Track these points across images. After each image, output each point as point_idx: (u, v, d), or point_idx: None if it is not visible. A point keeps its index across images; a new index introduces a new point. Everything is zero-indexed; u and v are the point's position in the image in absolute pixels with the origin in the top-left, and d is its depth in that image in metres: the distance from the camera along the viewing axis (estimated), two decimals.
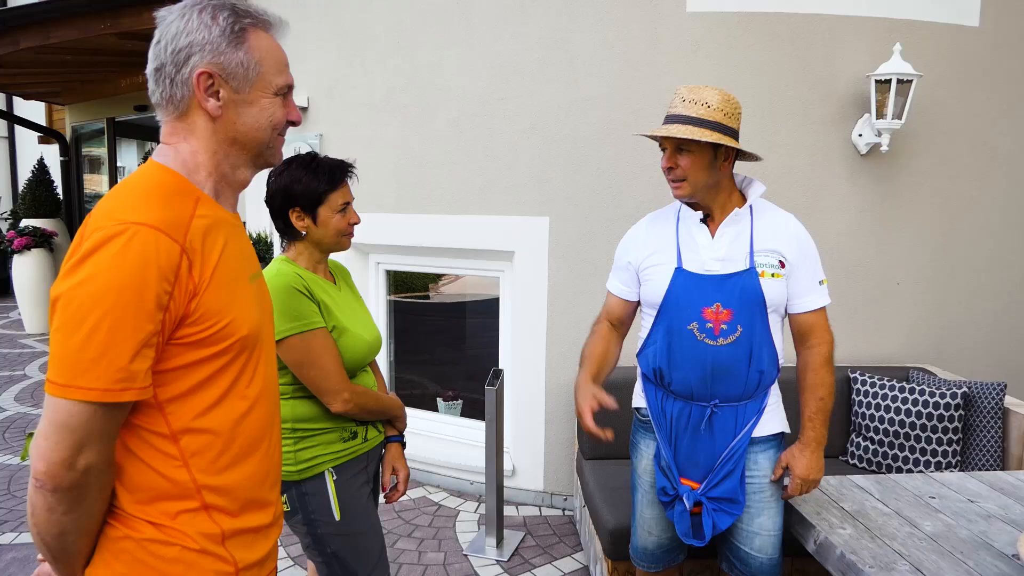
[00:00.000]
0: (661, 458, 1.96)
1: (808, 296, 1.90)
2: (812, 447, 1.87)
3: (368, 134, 3.87)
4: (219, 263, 1.07)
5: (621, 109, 3.33)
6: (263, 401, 1.18)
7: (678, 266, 1.89)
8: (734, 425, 1.88)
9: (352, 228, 1.84)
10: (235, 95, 1.11)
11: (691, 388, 1.88)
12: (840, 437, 3.13)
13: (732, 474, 1.87)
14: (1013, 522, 1.82)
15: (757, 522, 1.92)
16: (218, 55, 1.08)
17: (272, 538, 1.24)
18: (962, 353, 3.53)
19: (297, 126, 1.21)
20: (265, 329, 1.20)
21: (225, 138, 1.12)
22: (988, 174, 3.48)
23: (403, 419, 2.01)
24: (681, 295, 1.87)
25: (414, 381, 4.40)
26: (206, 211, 1.08)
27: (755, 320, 1.85)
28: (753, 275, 1.84)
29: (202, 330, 1.04)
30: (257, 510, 1.18)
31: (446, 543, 3.23)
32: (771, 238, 1.88)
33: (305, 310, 1.69)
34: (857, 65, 3.28)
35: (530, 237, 3.50)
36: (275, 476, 1.24)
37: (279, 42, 1.19)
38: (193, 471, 1.08)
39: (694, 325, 1.85)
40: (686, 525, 1.92)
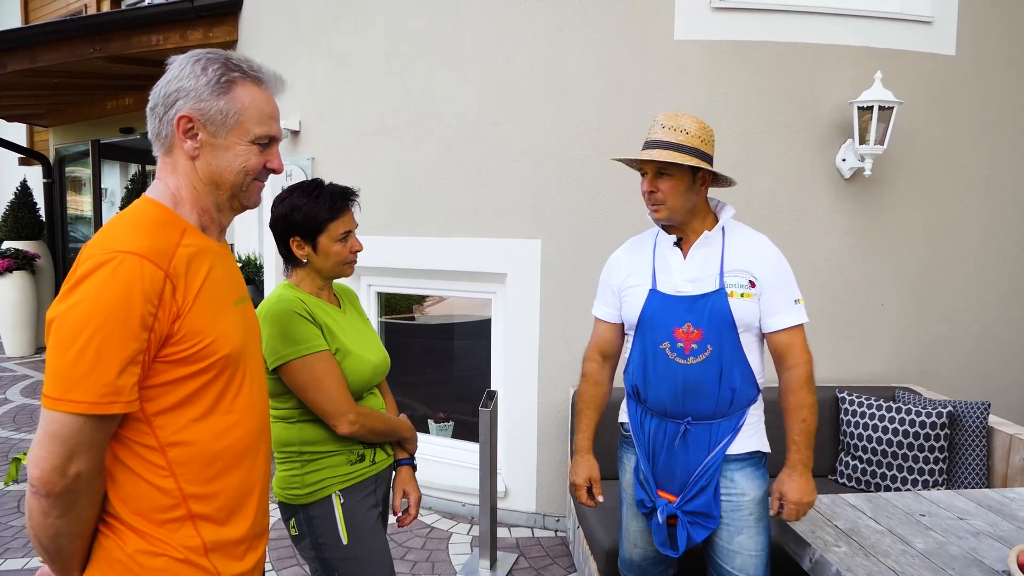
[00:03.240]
0: (640, 471, 2.02)
1: (780, 315, 1.92)
2: (799, 470, 1.89)
3: (360, 157, 3.90)
4: (203, 288, 1.16)
5: (612, 133, 3.40)
6: (249, 417, 1.27)
7: (652, 287, 1.97)
8: (708, 442, 1.93)
9: (354, 256, 1.86)
10: (212, 139, 1.22)
11: (664, 405, 1.95)
12: (829, 456, 3.17)
13: (706, 490, 1.92)
14: (1002, 538, 1.86)
15: (737, 540, 1.95)
16: (199, 102, 1.20)
17: (259, 550, 1.32)
18: (946, 373, 3.60)
19: (278, 174, 1.30)
20: (250, 349, 1.29)
21: (203, 177, 1.23)
22: (967, 198, 3.58)
23: (413, 441, 2.01)
24: (654, 315, 1.95)
25: (404, 403, 4.39)
26: (192, 240, 1.19)
27: (724, 340, 1.90)
28: (722, 295, 1.90)
29: (185, 349, 1.13)
30: (242, 521, 1.26)
31: (440, 565, 3.22)
32: (741, 258, 1.93)
33: (307, 333, 1.70)
34: (840, 92, 3.37)
35: (522, 259, 3.54)
36: (262, 489, 1.32)
37: (273, 97, 1.29)
38: (180, 481, 1.16)
39: (666, 344, 1.93)
40: (662, 536, 1.99)
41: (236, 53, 1.25)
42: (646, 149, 1.91)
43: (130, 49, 5.17)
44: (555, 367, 3.52)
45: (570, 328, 3.48)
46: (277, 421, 1.79)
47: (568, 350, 3.49)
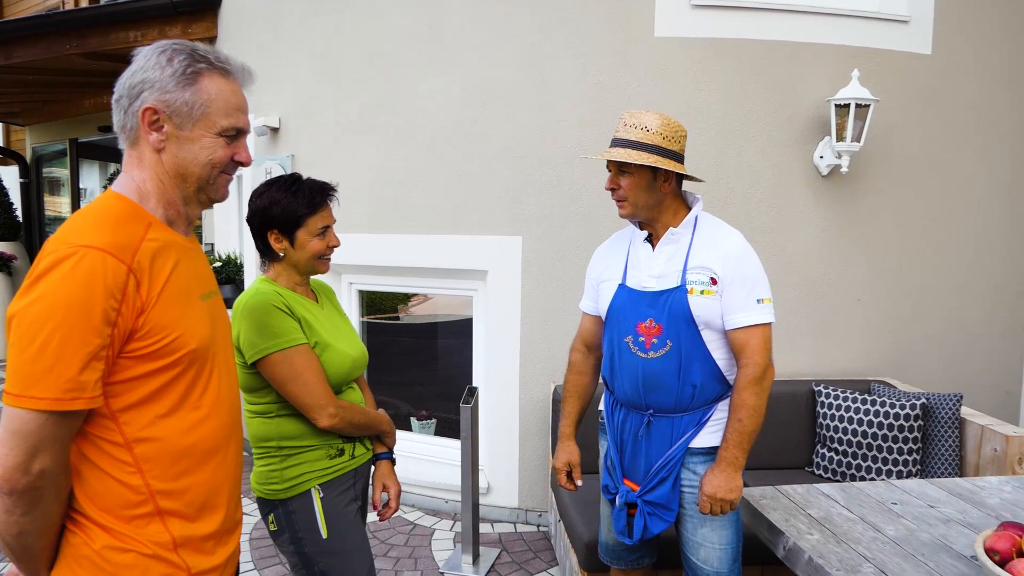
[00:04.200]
0: (609, 458, 2.08)
1: (740, 313, 1.90)
2: (722, 466, 1.87)
3: (341, 155, 3.90)
4: (168, 282, 1.16)
5: (593, 131, 3.42)
6: (219, 412, 1.26)
7: (621, 282, 2.02)
8: (670, 435, 1.96)
9: (331, 251, 1.86)
10: (178, 131, 1.20)
11: (629, 397, 2.01)
12: (806, 448, 3.22)
13: (665, 481, 1.96)
14: (971, 525, 1.90)
15: (701, 532, 1.97)
16: (165, 93, 1.18)
17: (230, 545, 1.32)
18: (920, 366, 3.66)
19: (246, 167, 1.29)
20: (219, 344, 1.28)
21: (169, 170, 1.21)
22: (942, 195, 3.63)
23: (392, 435, 2.02)
24: (620, 309, 2.00)
25: (386, 402, 4.39)
26: (157, 235, 1.17)
27: (683, 336, 1.91)
28: (682, 292, 1.91)
29: (151, 344, 1.13)
30: (213, 516, 1.26)
31: (422, 562, 3.23)
32: (706, 256, 1.93)
33: (285, 327, 1.70)
34: (818, 90, 3.42)
35: (503, 257, 3.55)
36: (233, 484, 1.33)
37: (241, 89, 1.28)
38: (147, 477, 1.16)
39: (629, 338, 1.97)
40: (622, 522, 2.04)
41: (203, 44, 1.24)
42: (610, 148, 1.95)
43: (108, 45, 5.12)
44: (536, 363, 3.53)
45: (551, 325, 3.50)
46: (255, 416, 1.80)
47: (548, 346, 3.51)
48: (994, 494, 2.14)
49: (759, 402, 1.88)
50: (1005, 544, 1.53)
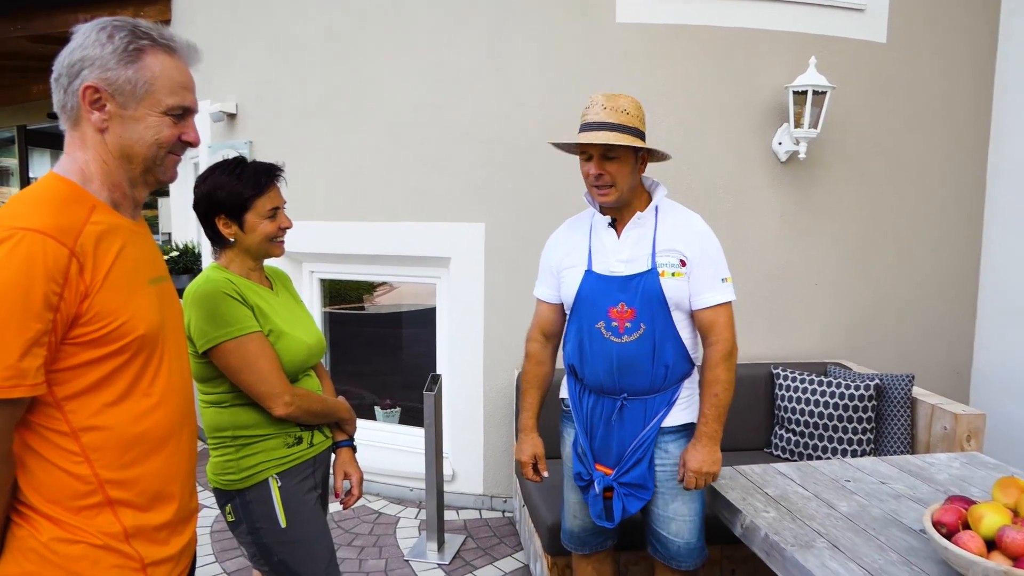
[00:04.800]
0: (579, 445, 2.07)
1: (707, 293, 1.97)
2: (704, 441, 1.93)
3: (300, 141, 3.83)
4: (114, 266, 1.12)
5: (555, 117, 3.41)
6: (170, 399, 1.24)
7: (588, 268, 2.00)
8: (643, 417, 1.99)
9: (283, 233, 1.83)
10: (121, 110, 1.16)
11: (601, 382, 2.00)
12: (764, 430, 3.28)
13: (641, 462, 1.99)
14: (920, 500, 1.96)
15: (672, 507, 2.03)
16: (106, 71, 1.14)
17: (186, 535, 1.30)
18: (874, 348, 3.75)
19: (195, 147, 1.27)
20: (169, 330, 1.26)
21: (113, 151, 1.18)
22: (896, 181, 3.71)
23: (352, 422, 2.00)
24: (589, 295, 1.99)
25: (351, 391, 4.36)
26: (101, 218, 1.14)
27: (657, 318, 1.94)
28: (654, 275, 1.94)
29: (96, 329, 1.09)
30: (166, 505, 1.24)
31: (387, 550, 3.21)
32: (672, 238, 1.97)
33: (238, 315, 1.67)
34: (776, 77, 3.46)
35: (466, 243, 3.54)
36: (186, 473, 1.30)
37: (187, 67, 1.25)
38: (95, 467, 1.13)
39: (601, 324, 1.97)
40: (598, 508, 2.04)
41: (145, 21, 1.20)
42: (589, 131, 1.89)
43: (55, 28, 4.96)
44: (500, 350, 3.53)
45: (514, 311, 3.50)
46: (209, 406, 1.76)
47: (512, 333, 3.51)
48: (943, 470, 2.20)
49: (731, 376, 1.97)
50: (951, 517, 1.58)
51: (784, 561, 1.69)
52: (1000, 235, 3.74)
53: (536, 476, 2.14)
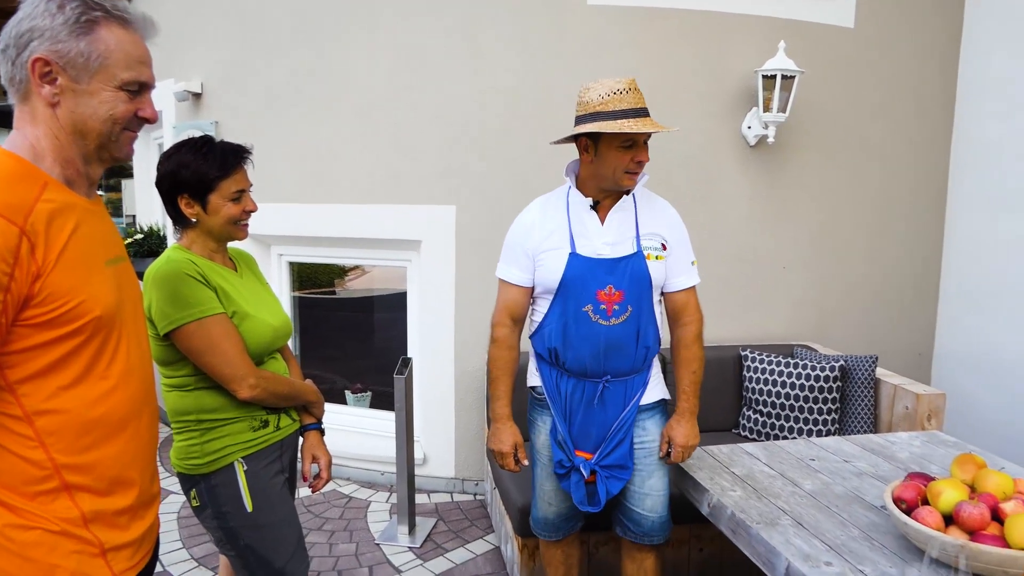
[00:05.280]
0: (557, 433, 2.06)
1: (682, 276, 2.06)
2: (687, 417, 2.03)
3: (268, 122, 3.76)
4: (67, 246, 1.09)
5: (527, 100, 3.39)
6: (129, 382, 1.20)
7: (572, 251, 1.98)
8: (623, 398, 2.02)
9: (247, 216, 1.79)
10: (74, 84, 1.12)
11: (585, 366, 2.00)
12: (732, 411, 3.32)
13: (623, 443, 2.02)
14: (881, 478, 2.00)
15: (648, 484, 2.07)
16: (56, 43, 1.10)
17: (147, 519, 1.27)
18: (840, 330, 3.81)
19: (152, 124, 1.23)
20: (127, 311, 1.22)
21: (65, 126, 1.14)
22: (863, 166, 3.76)
23: (320, 405, 1.97)
24: (576, 278, 1.96)
25: (322, 376, 4.32)
26: (54, 196, 1.10)
27: (643, 300, 1.98)
28: (640, 258, 1.97)
29: (49, 311, 1.06)
30: (126, 490, 1.21)
31: (358, 534, 3.20)
32: (653, 222, 2.02)
33: (200, 296, 1.64)
34: (746, 61, 3.47)
35: (437, 226, 3.51)
36: (147, 457, 1.28)
37: (143, 40, 1.21)
38: (51, 451, 1.10)
39: (589, 307, 1.96)
40: (582, 494, 2.04)
41: None
42: (638, 118, 1.88)
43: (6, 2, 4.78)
44: (471, 333, 3.52)
45: (486, 294, 3.46)
46: (172, 390, 1.73)
47: (483, 316, 3.44)
48: (904, 448, 2.25)
49: (703, 352, 2.09)
50: (911, 493, 1.62)
51: (749, 538, 1.72)
52: (962, 221, 3.81)
53: (517, 466, 2.12)
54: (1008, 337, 3.53)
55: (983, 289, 3.68)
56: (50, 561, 1.10)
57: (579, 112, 1.95)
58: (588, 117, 1.91)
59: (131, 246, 4.95)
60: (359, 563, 2.96)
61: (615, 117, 1.88)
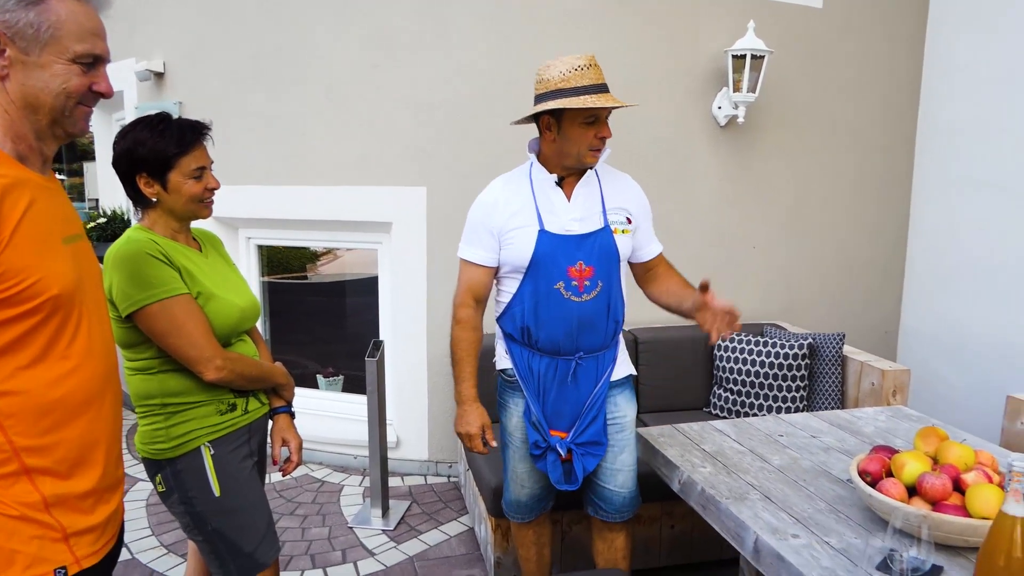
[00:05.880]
0: (531, 414, 2.04)
1: (651, 244, 2.15)
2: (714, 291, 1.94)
3: (233, 101, 3.68)
4: (22, 223, 1.06)
5: (498, 80, 3.36)
6: (90, 363, 1.18)
7: (541, 228, 1.96)
8: (595, 374, 2.03)
9: (211, 194, 1.75)
10: (23, 56, 1.09)
11: (557, 344, 1.99)
12: (703, 390, 3.36)
13: (597, 419, 2.03)
14: (848, 452, 2.04)
15: (620, 459, 2.09)
16: (4, 12, 1.07)
17: (112, 503, 1.25)
18: (808, 309, 3.87)
19: (108, 98, 1.20)
20: (86, 290, 1.20)
21: (16, 100, 1.11)
22: (832, 146, 3.80)
23: (290, 388, 1.94)
24: (547, 256, 1.95)
25: (294, 361, 4.28)
26: (6, 171, 1.07)
27: (612, 274, 2.00)
28: (608, 232, 1.99)
29: (4, 289, 1.03)
30: (89, 473, 1.18)
31: (331, 518, 3.19)
32: (618, 197, 2.04)
33: (163, 276, 1.60)
34: (716, 41, 3.47)
35: (408, 208, 3.47)
36: (110, 439, 1.25)
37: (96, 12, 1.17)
38: (9, 434, 1.07)
39: (560, 284, 1.95)
40: (559, 473, 2.04)
41: None
42: (599, 94, 1.87)
43: None
44: (443, 316, 3.45)
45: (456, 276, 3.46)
46: (135, 373, 1.69)
47: None
48: (870, 423, 2.29)
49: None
50: (876, 466, 1.64)
51: (719, 513, 1.73)
52: (928, 201, 3.88)
53: (485, 448, 2.09)
54: (969, 314, 3.61)
55: (947, 268, 3.75)
56: (9, 547, 1.08)
57: (539, 90, 1.93)
58: (550, 95, 1.89)
59: (94, 230, 4.83)
60: (332, 547, 2.94)
61: (577, 93, 1.86)
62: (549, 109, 1.88)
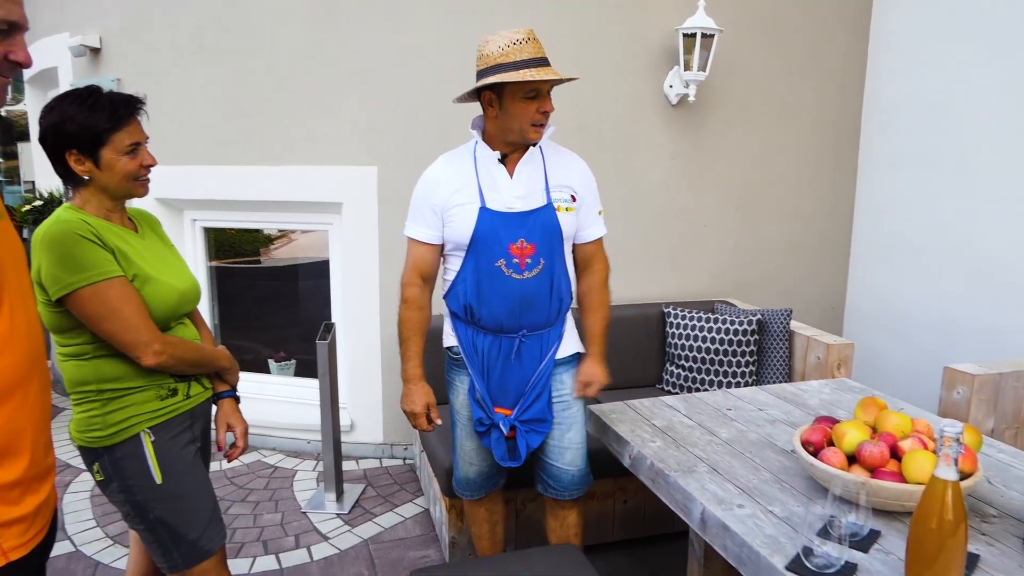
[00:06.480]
0: (476, 391, 2.05)
1: (594, 227, 2.10)
2: (598, 358, 2.11)
3: (175, 79, 3.55)
4: None
5: (448, 58, 3.30)
6: (14, 347, 1.12)
7: (482, 205, 1.95)
8: (540, 352, 2.04)
9: (147, 171, 1.68)
10: None
11: (500, 322, 1.99)
12: (656, 367, 3.40)
13: (541, 396, 2.04)
14: (792, 424, 2.08)
15: (567, 437, 2.10)
16: None
17: (41, 493, 1.20)
18: (758, 286, 3.94)
19: (26, 68, 1.12)
20: (8, 270, 1.14)
21: None
22: (781, 125, 3.85)
23: (234, 372, 1.90)
24: (488, 233, 1.94)
25: (246, 347, 4.19)
26: None
27: (555, 252, 1.99)
28: (551, 210, 1.98)
29: None
30: (15, 462, 1.13)
31: (284, 503, 3.15)
32: (562, 174, 2.03)
33: (96, 258, 1.53)
34: (668, 20, 3.47)
35: (358, 188, 3.42)
36: (38, 426, 1.20)
37: None
38: None
39: (501, 262, 1.95)
40: (502, 450, 2.06)
41: None
42: (539, 67, 1.85)
43: None
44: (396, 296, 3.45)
45: None
46: (68, 359, 1.63)
47: None
48: (814, 395, 2.35)
49: (610, 298, 2.17)
50: (818, 436, 1.68)
51: (667, 486, 1.76)
52: (872, 178, 3.97)
53: (429, 426, 2.10)
54: (908, 288, 3.72)
55: (888, 244, 3.85)
56: None
57: (480, 66, 1.92)
58: (490, 70, 1.88)
59: (30, 213, 4.64)
60: (285, 532, 2.91)
61: (517, 68, 1.85)
62: (490, 85, 1.86)
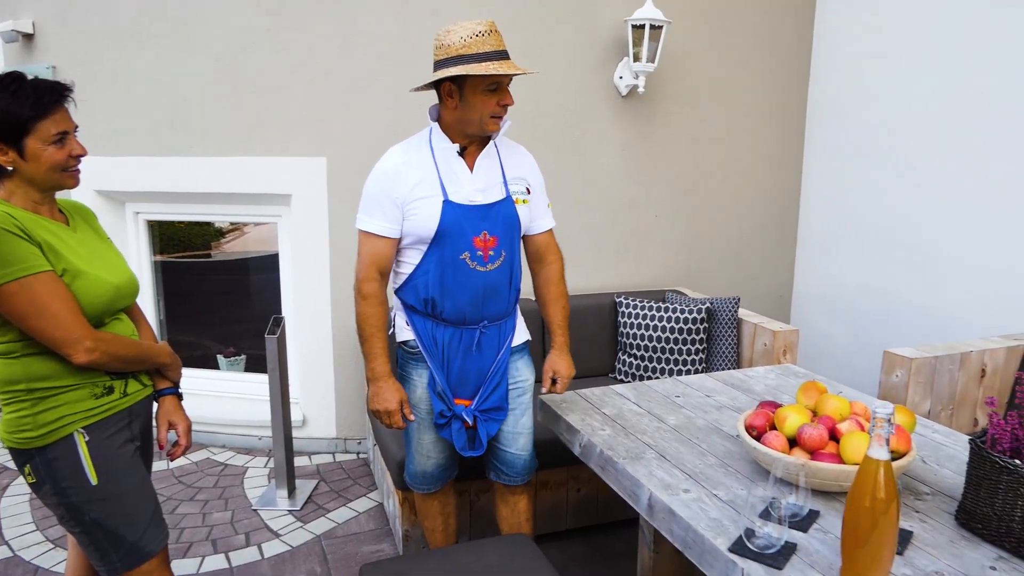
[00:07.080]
0: (436, 384, 2.04)
1: (544, 218, 2.15)
2: (565, 350, 2.15)
3: (115, 67, 3.43)
4: None
5: (398, 47, 3.27)
6: None
7: (445, 198, 1.93)
8: (498, 341, 2.07)
9: (76, 162, 1.62)
10: None
11: (463, 314, 2.00)
12: (608, 356, 3.43)
13: (499, 385, 2.08)
14: (738, 409, 2.12)
15: (521, 423, 2.15)
16: None
17: None
18: (707, 275, 4.00)
19: None
20: None
21: None
22: (729, 115, 3.90)
23: (175, 368, 1.84)
24: (453, 226, 1.93)
25: (193, 343, 4.09)
26: None
27: (514, 243, 2.04)
28: (510, 202, 2.01)
29: None
30: None
31: (234, 501, 3.09)
32: (517, 167, 2.07)
33: (21, 253, 1.47)
34: (617, 11, 3.49)
35: (307, 179, 3.35)
36: None
37: None
38: None
39: (466, 255, 1.95)
40: (463, 440, 2.07)
41: None
42: (500, 60, 1.83)
43: None
44: (348, 289, 3.38)
45: None
46: None
47: None
48: (760, 381, 2.40)
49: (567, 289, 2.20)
50: (761, 421, 1.71)
51: (616, 473, 1.77)
52: (816, 169, 4.06)
53: (404, 424, 2.04)
54: (850, 276, 3.83)
55: (833, 232, 3.95)
56: None
57: (439, 56, 1.89)
58: (451, 60, 1.85)
59: None
60: (235, 530, 2.85)
61: (479, 60, 1.83)
62: (451, 76, 1.84)
